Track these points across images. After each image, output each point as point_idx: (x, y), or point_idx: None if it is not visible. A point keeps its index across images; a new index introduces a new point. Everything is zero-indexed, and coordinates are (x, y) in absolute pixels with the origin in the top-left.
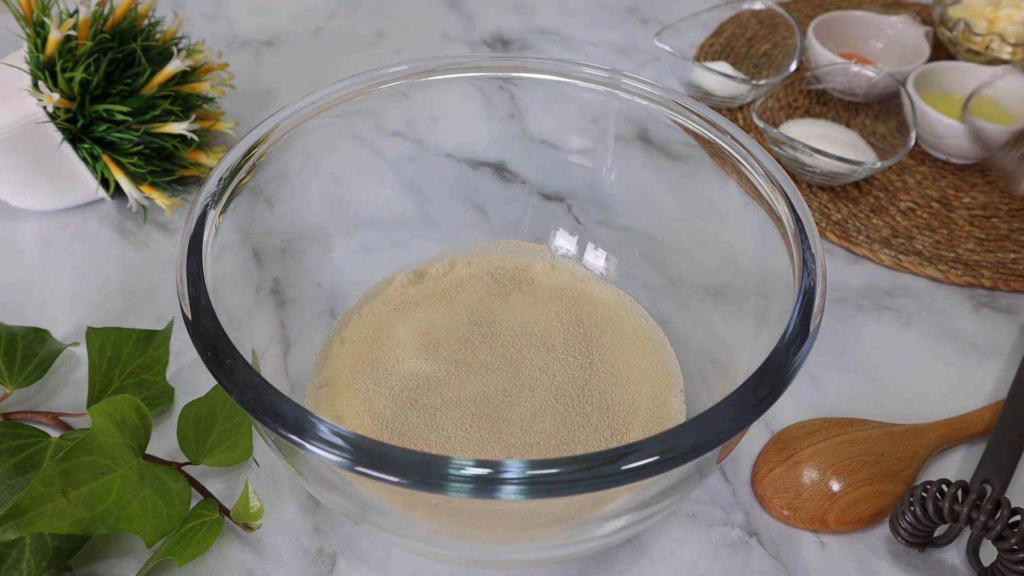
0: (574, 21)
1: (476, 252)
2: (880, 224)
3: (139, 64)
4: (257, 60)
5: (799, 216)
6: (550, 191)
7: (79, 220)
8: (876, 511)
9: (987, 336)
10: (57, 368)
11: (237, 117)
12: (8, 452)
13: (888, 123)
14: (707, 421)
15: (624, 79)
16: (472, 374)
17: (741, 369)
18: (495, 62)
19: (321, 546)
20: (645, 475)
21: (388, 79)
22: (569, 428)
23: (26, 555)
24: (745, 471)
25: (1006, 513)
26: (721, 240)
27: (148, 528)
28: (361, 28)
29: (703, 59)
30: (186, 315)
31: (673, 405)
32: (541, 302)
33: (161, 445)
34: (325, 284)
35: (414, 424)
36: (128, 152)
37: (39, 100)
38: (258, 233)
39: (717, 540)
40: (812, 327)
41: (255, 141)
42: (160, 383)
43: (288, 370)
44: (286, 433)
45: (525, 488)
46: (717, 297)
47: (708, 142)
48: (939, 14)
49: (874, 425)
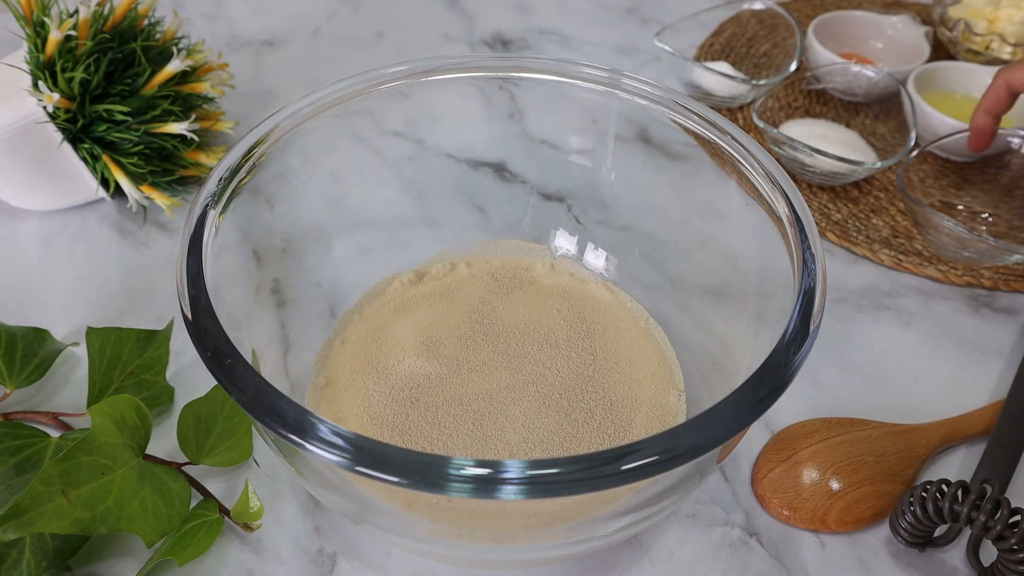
0: (574, 21)
1: (476, 252)
2: (880, 224)
3: (139, 64)
4: (257, 60)
5: (799, 216)
6: (550, 191)
7: (79, 220)
8: (876, 511)
9: (987, 336)
10: (57, 368)
11: (237, 117)
12: (8, 452)
13: (888, 123)
14: (707, 421)
15: (624, 79)
16: (474, 372)
17: (741, 369)
18: (495, 62)
19: (321, 546)
20: (645, 475)
21: (388, 79)
22: (573, 425)
23: (26, 555)
24: (745, 471)
25: (1006, 513)
26: (721, 240)
27: (148, 528)
28: (361, 28)
29: (703, 59)
30: (186, 315)
31: (673, 404)
32: (542, 301)
33: (161, 445)
34: (325, 284)
35: (415, 423)
36: (128, 152)
37: (39, 100)
38: (258, 233)
39: (717, 540)
40: (812, 327)
41: (255, 141)
42: (160, 383)
43: (288, 370)
44: (286, 433)
45: (525, 488)
46: (717, 297)
47: (708, 142)
48: (939, 14)
49: (874, 425)
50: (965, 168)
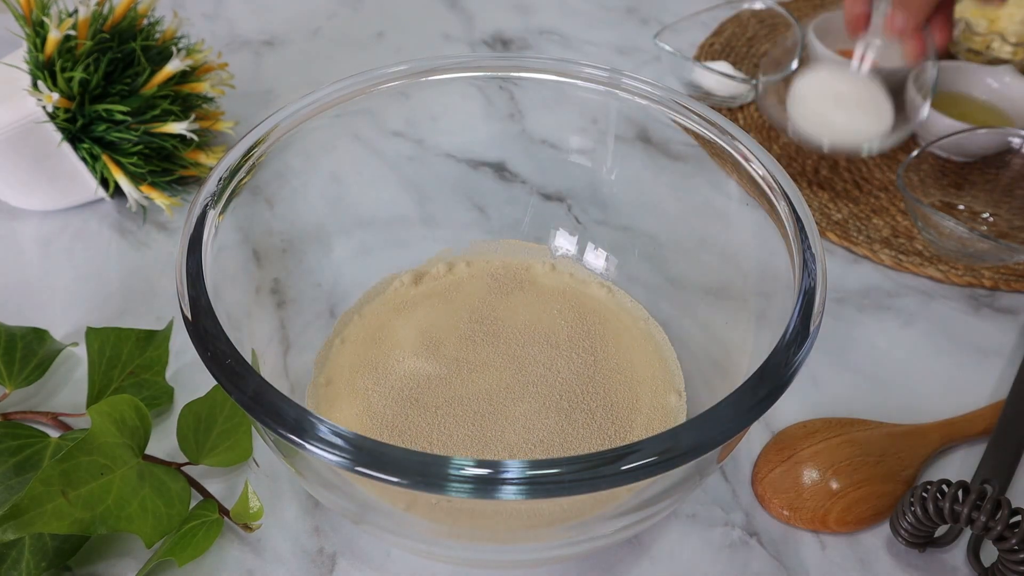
0: (574, 21)
1: (476, 252)
2: (880, 224)
3: (139, 64)
4: (257, 60)
5: (799, 216)
6: (550, 191)
7: (79, 220)
8: (876, 511)
9: (987, 336)
10: (57, 368)
11: (237, 117)
12: (8, 452)
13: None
14: (707, 421)
15: (624, 79)
16: (474, 372)
17: (741, 369)
18: (495, 62)
19: (321, 546)
20: (645, 475)
21: (388, 79)
22: (573, 426)
23: (26, 555)
24: (745, 471)
25: (1006, 513)
26: (721, 240)
27: (148, 528)
28: (361, 28)
29: (703, 59)
30: (186, 315)
31: (673, 404)
32: (542, 301)
33: (161, 445)
34: (325, 284)
35: (415, 423)
36: (128, 152)
37: (39, 100)
38: (258, 233)
39: (717, 540)
40: (812, 327)
41: (255, 141)
42: (160, 383)
43: (288, 370)
44: (286, 433)
45: (525, 488)
46: (717, 297)
47: (708, 142)
48: None
49: (874, 425)
50: (965, 168)
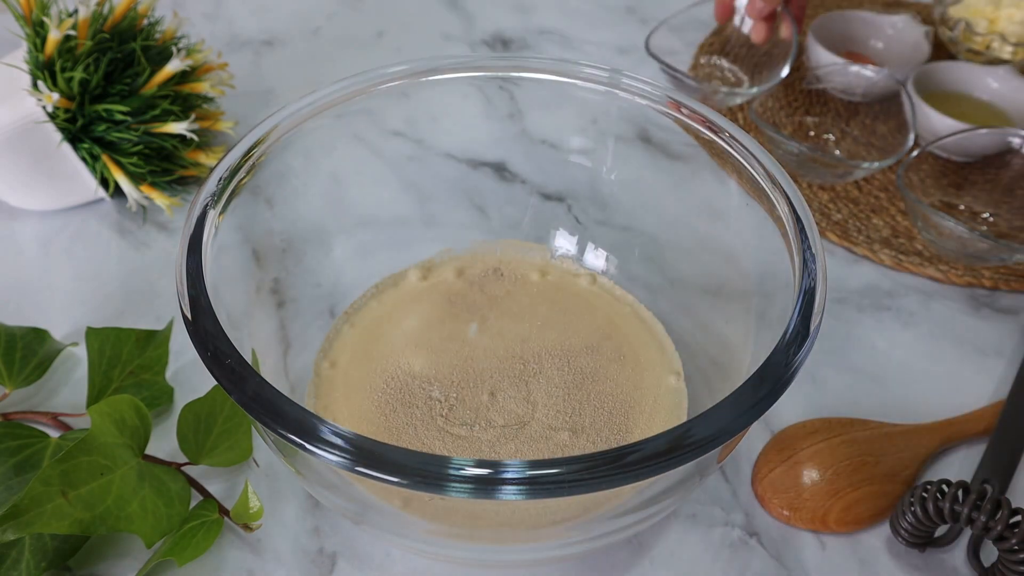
0: (574, 21)
1: (476, 252)
2: (880, 224)
3: (139, 64)
4: (257, 60)
5: (799, 216)
6: (550, 191)
7: (79, 220)
8: (876, 511)
9: (987, 336)
10: (57, 368)
11: (237, 117)
12: (8, 452)
13: (888, 123)
14: (707, 421)
15: (624, 79)
16: (474, 371)
17: (741, 369)
18: (495, 62)
19: (321, 546)
20: (645, 475)
21: (388, 79)
22: (574, 425)
23: (26, 555)
24: (745, 471)
25: (1006, 513)
26: (721, 240)
27: (148, 528)
28: (361, 28)
29: (702, 58)
30: (186, 315)
31: (674, 403)
32: (542, 301)
33: (161, 445)
34: (325, 284)
35: (415, 423)
36: (128, 152)
37: (39, 100)
38: (258, 233)
39: (717, 540)
40: (812, 327)
41: (255, 141)
42: (160, 383)
43: (288, 370)
44: (286, 433)
45: (525, 488)
46: (717, 297)
47: (708, 142)
48: (940, 14)
49: (874, 425)
50: (965, 168)
